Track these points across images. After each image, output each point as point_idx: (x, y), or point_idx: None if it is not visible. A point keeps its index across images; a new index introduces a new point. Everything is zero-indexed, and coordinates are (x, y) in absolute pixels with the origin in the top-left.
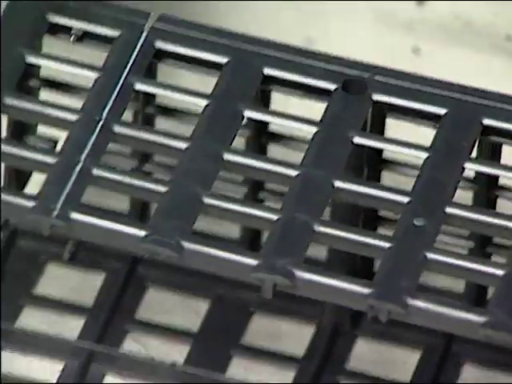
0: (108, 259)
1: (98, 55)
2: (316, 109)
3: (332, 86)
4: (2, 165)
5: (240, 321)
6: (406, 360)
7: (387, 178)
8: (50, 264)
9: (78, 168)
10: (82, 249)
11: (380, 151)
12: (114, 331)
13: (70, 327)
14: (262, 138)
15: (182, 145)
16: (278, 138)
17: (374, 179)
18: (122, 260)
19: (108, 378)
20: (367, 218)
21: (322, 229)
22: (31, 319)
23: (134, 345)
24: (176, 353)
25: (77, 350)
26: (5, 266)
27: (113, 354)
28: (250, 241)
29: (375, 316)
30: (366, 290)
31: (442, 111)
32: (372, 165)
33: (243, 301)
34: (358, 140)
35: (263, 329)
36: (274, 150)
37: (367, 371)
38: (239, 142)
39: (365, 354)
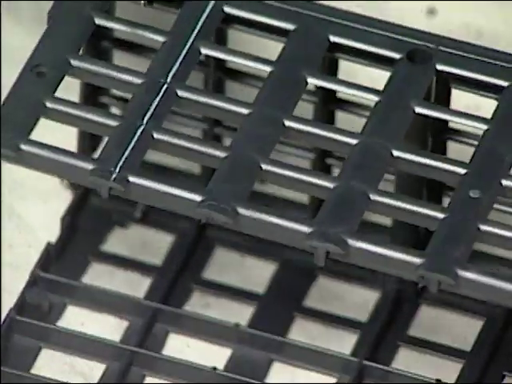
0: (178, 220)
1: (168, 19)
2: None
3: (397, 55)
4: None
5: (304, 284)
6: (467, 329)
7: (453, 148)
8: (121, 222)
9: (139, 131)
10: (153, 209)
11: (444, 121)
12: (179, 291)
13: (137, 285)
14: (328, 105)
15: (244, 110)
16: (343, 104)
17: (438, 150)
18: (191, 221)
19: (171, 336)
20: (431, 188)
21: (378, 198)
22: (98, 276)
23: (199, 305)
24: (239, 314)
25: (142, 309)
26: (77, 222)
27: (177, 312)
28: (313, 206)
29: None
30: (417, 260)
31: (504, 83)
32: (435, 135)
33: (309, 264)
34: (419, 110)
35: (327, 293)
36: (339, 116)
37: (428, 338)
38: (307, 108)
39: (426, 320)
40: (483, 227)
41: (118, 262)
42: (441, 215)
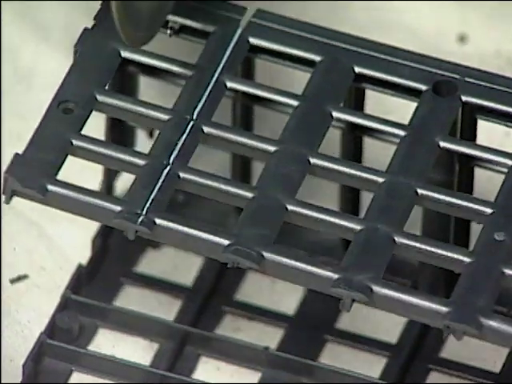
0: None
1: (193, 49)
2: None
3: (423, 87)
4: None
5: (334, 307)
6: (496, 352)
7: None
8: (151, 244)
9: (165, 171)
10: None
11: (471, 156)
12: (210, 314)
13: (168, 308)
14: (355, 132)
15: (271, 148)
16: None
17: (465, 185)
18: None
19: (202, 359)
20: (458, 225)
21: (404, 241)
22: (129, 298)
23: (230, 328)
24: (270, 337)
25: (173, 332)
26: (108, 244)
27: (208, 335)
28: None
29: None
30: (442, 309)
31: None
32: (463, 170)
33: None
34: (444, 144)
35: (356, 316)
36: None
37: (458, 361)
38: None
39: (456, 343)
40: (508, 271)
41: (149, 284)
42: (467, 259)
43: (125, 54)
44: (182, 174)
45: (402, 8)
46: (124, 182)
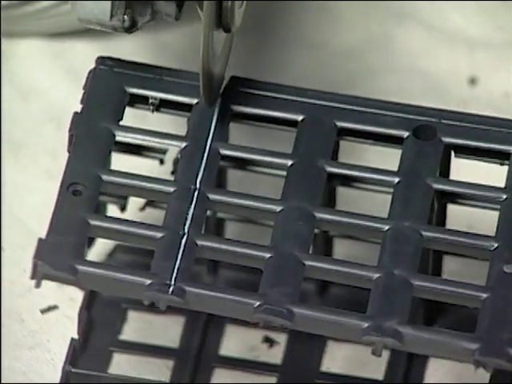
0: None
1: (172, 122)
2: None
3: (404, 133)
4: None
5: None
6: None
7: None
8: (132, 310)
9: (183, 241)
10: None
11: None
12: (202, 370)
13: (160, 370)
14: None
15: (276, 208)
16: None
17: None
18: None
19: None
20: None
21: (420, 283)
22: (121, 365)
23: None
24: None
25: None
26: (92, 316)
27: None
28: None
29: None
30: (471, 345)
31: (510, 149)
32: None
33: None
34: (437, 186)
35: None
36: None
37: None
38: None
39: None
40: None
41: (137, 349)
42: (483, 294)
43: (118, 134)
44: (198, 242)
45: (418, 53)
46: None
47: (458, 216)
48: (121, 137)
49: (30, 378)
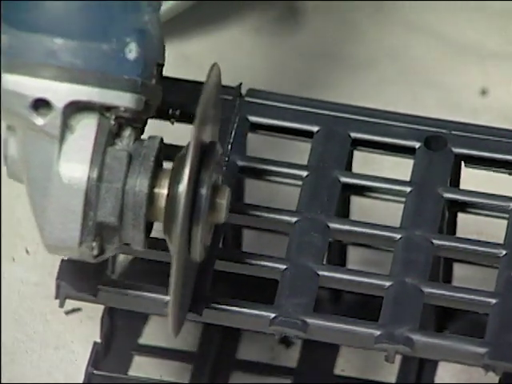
0: None
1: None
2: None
3: (416, 144)
4: None
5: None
6: None
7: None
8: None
9: None
10: None
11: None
12: (221, 375)
13: (180, 373)
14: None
15: (292, 219)
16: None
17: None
18: None
19: None
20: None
21: (431, 290)
22: (141, 368)
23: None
24: None
25: None
26: (115, 320)
27: None
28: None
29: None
30: (480, 350)
31: None
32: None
33: None
34: (448, 195)
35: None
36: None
37: None
38: None
39: None
40: None
41: (157, 353)
42: (492, 300)
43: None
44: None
45: (431, 64)
46: None
47: (468, 223)
48: None
49: (55, 378)
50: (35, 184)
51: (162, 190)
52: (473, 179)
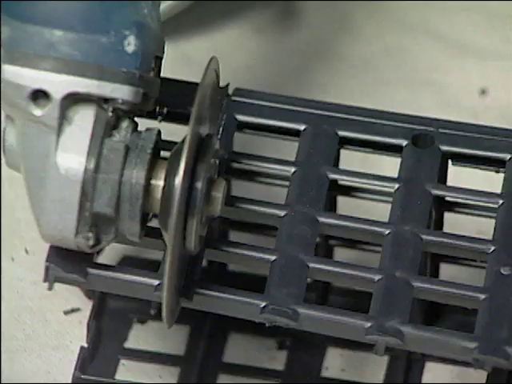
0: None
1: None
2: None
3: (403, 142)
4: None
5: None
6: None
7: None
8: (138, 320)
9: None
10: None
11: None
12: (208, 378)
13: (168, 376)
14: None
15: (280, 212)
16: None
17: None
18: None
19: None
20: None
21: (420, 284)
22: (128, 372)
23: None
24: None
25: None
26: (101, 325)
27: None
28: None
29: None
30: (469, 344)
31: (506, 156)
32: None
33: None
34: (436, 192)
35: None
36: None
37: None
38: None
39: None
40: None
41: (144, 357)
42: (481, 295)
43: None
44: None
45: (430, 64)
46: None
47: (467, 223)
48: None
49: (54, 378)
50: (32, 174)
51: (159, 182)
52: (463, 177)
